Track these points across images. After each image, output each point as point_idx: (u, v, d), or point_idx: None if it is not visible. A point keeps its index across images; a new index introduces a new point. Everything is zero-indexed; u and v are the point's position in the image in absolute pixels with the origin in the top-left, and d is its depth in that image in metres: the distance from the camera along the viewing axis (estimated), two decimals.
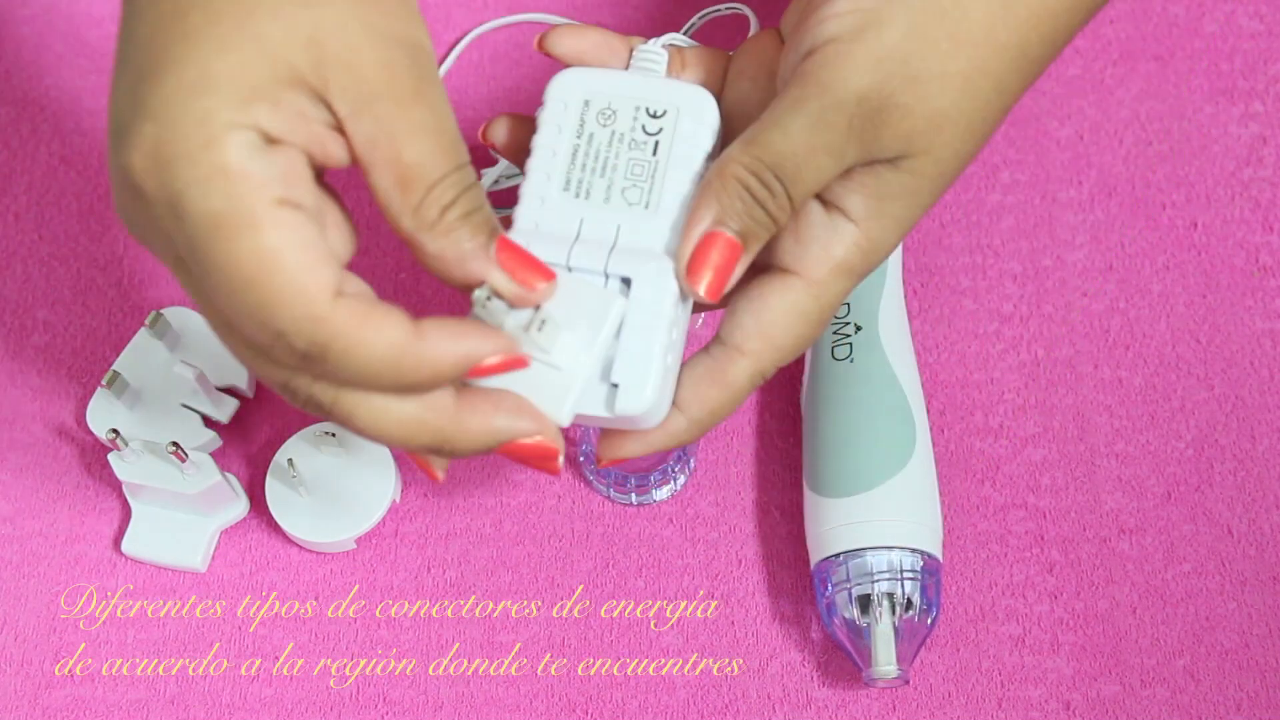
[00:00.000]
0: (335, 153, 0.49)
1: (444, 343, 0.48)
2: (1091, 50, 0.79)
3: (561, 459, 0.52)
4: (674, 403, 0.54)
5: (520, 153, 0.56)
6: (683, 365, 0.55)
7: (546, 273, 0.51)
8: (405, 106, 0.48)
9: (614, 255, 0.53)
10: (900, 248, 0.72)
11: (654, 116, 0.55)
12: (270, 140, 0.47)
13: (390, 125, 0.48)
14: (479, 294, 0.50)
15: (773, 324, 0.53)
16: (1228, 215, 0.75)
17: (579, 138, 0.55)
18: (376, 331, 0.47)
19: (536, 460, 0.52)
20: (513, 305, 0.51)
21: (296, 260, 0.47)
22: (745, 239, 0.52)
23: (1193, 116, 0.77)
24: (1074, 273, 0.74)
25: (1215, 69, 0.78)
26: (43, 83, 0.79)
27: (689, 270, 0.52)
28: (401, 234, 0.49)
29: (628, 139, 0.54)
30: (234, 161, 0.46)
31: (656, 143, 0.54)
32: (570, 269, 0.53)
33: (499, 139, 0.57)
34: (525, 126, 0.56)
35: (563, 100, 0.55)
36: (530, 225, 0.54)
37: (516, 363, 0.50)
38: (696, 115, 0.54)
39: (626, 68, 0.57)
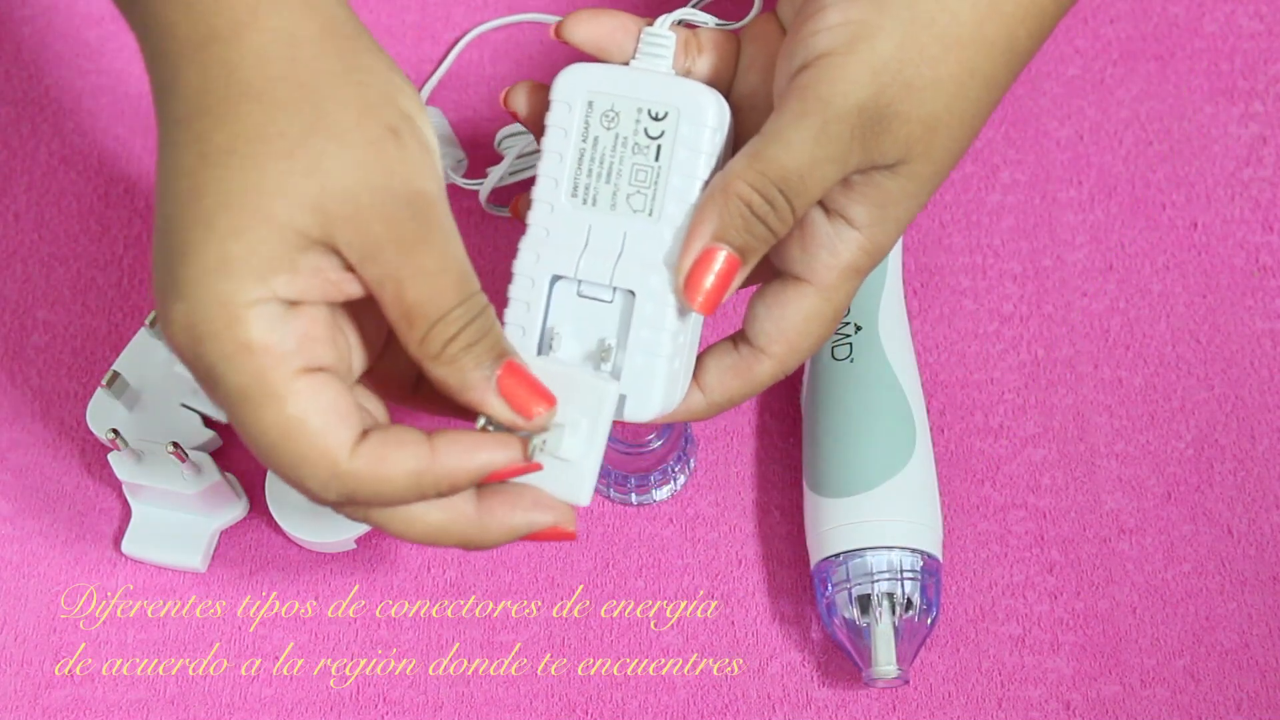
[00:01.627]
0: (351, 291, 0.52)
1: (459, 459, 0.52)
2: (1091, 50, 0.79)
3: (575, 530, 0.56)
4: (699, 384, 0.57)
5: (539, 123, 0.57)
6: (710, 354, 0.57)
7: (547, 398, 0.53)
8: (407, 253, 0.51)
9: (620, 265, 0.55)
10: (900, 248, 0.72)
11: (655, 119, 0.55)
12: (290, 304, 0.51)
13: (395, 271, 0.51)
14: (480, 421, 0.53)
15: (792, 329, 0.55)
16: (1228, 215, 0.75)
17: (584, 141, 0.55)
18: (395, 466, 0.51)
19: (555, 539, 0.55)
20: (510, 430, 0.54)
21: (317, 426, 0.51)
22: (744, 254, 0.54)
23: (1193, 116, 0.77)
24: (1074, 273, 0.74)
25: (1215, 69, 0.78)
26: (43, 83, 0.79)
27: (686, 285, 0.54)
28: (412, 357, 0.52)
29: (631, 143, 0.55)
30: (256, 338, 0.50)
31: (659, 147, 0.55)
32: (580, 281, 0.55)
33: (519, 108, 0.58)
34: (544, 95, 0.57)
35: (566, 102, 0.55)
36: (542, 232, 0.55)
37: (530, 468, 0.54)
38: (696, 118, 0.54)
39: (635, 53, 0.56)
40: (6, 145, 0.78)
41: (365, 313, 0.53)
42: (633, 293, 0.55)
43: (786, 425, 0.71)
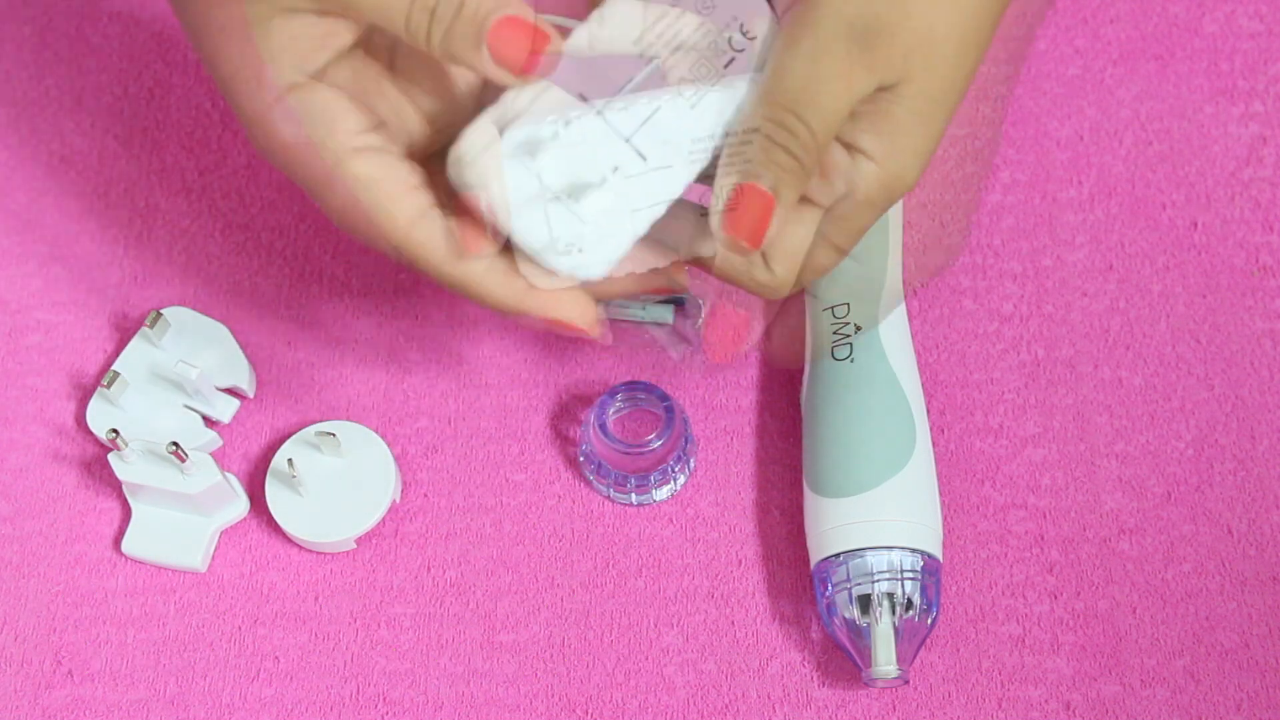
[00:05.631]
0: (346, 34, 0.56)
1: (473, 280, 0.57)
2: (1091, 50, 0.79)
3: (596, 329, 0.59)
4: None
5: None
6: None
7: (542, 38, 0.54)
8: None
9: (643, 130, 0.55)
10: (901, 249, 0.72)
11: (747, 36, 0.55)
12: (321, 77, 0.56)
13: None
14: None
15: (797, 245, 0.58)
16: (1228, 215, 0.75)
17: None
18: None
19: (573, 334, 0.59)
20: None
21: (382, 194, 0.56)
22: (774, 187, 0.55)
23: (1193, 116, 0.77)
24: (1074, 273, 0.74)
25: (1215, 69, 0.78)
26: (43, 83, 0.79)
27: (726, 224, 0.56)
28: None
29: (711, 37, 0.55)
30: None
31: (733, 59, 0.55)
32: (599, 113, 0.55)
33: None
34: None
35: None
36: (584, 42, 0.55)
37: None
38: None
39: None
40: (6, 145, 0.78)
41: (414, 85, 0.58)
42: (643, 156, 0.55)
43: (786, 425, 0.71)
